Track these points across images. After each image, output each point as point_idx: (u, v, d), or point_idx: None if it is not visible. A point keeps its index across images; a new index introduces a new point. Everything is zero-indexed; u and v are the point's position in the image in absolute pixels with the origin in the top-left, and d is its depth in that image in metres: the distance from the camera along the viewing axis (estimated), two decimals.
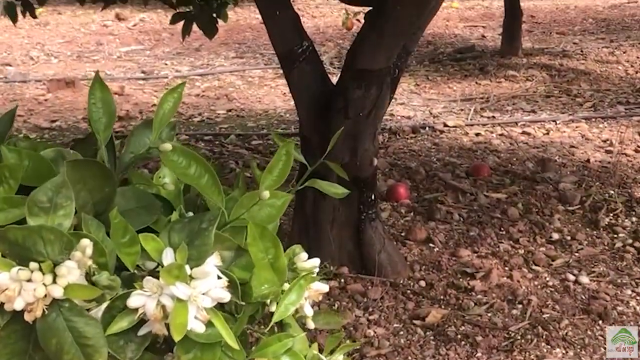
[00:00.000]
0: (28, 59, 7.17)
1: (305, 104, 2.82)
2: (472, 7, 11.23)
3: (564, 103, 5.62)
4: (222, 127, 5.08)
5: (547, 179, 3.90)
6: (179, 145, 1.12)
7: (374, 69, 2.58)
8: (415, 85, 6.33)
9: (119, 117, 5.15)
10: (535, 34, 9.00)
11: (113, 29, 8.73)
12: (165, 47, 7.90)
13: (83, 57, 7.34)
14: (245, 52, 7.76)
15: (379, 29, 2.48)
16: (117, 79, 6.39)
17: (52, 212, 0.90)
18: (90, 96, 1.12)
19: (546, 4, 11.61)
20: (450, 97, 5.93)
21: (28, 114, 5.22)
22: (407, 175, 4.01)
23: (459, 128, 5.01)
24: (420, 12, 2.39)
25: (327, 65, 7.02)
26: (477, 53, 7.55)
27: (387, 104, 2.81)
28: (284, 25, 2.73)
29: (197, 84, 6.35)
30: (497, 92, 5.95)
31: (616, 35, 8.68)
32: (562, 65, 6.86)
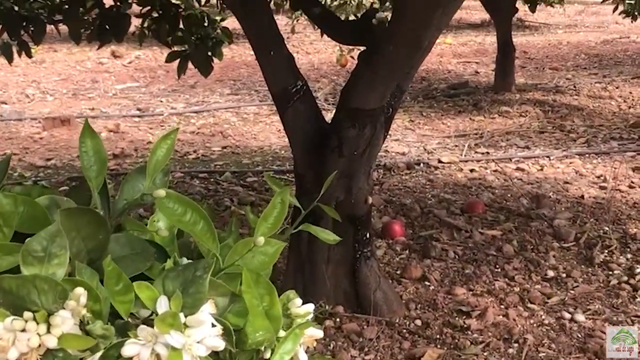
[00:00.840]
0: (24, 96, 7.20)
1: (300, 142, 2.83)
2: (465, 43, 11.34)
3: (557, 139, 5.66)
4: (217, 164, 5.09)
5: (541, 215, 3.90)
6: (173, 192, 1.13)
7: (368, 108, 2.60)
8: (409, 121, 6.37)
9: (114, 155, 5.17)
10: (528, 69, 9.08)
11: (109, 67, 8.78)
12: (161, 84, 7.94)
13: (79, 95, 7.36)
14: (240, 89, 7.80)
15: (372, 69, 2.49)
16: (112, 116, 6.42)
17: (47, 261, 0.90)
18: (81, 144, 1.13)
19: (539, 40, 11.73)
20: (444, 133, 5.96)
21: (23, 153, 5.23)
22: (402, 212, 4.02)
23: (454, 164, 5.03)
24: (413, 53, 2.41)
25: (322, 101, 7.06)
26: (471, 89, 7.61)
27: (381, 142, 2.82)
28: (278, 65, 2.75)
29: (193, 121, 6.37)
30: (491, 128, 5.98)
31: (609, 71, 8.76)
32: (556, 101, 6.91)
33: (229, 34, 4.07)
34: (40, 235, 0.92)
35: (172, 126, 6.17)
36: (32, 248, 0.90)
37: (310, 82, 8.26)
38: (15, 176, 4.67)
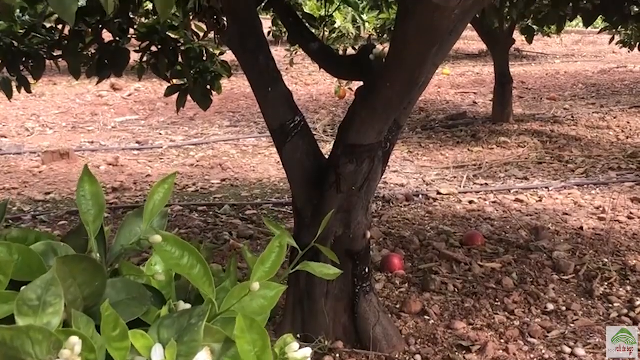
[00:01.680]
0: (23, 130, 7.22)
1: (298, 178, 2.84)
2: (463, 73, 11.40)
3: (556, 169, 5.66)
4: (216, 197, 5.09)
5: (541, 247, 3.90)
6: (170, 236, 1.13)
7: (366, 143, 2.60)
8: (408, 152, 6.38)
9: (113, 189, 5.17)
10: (526, 99, 9.12)
11: (108, 99, 8.82)
12: (160, 116, 7.97)
13: (78, 128, 7.39)
14: (239, 121, 7.83)
15: (369, 105, 2.50)
16: (111, 149, 6.43)
17: (41, 311, 0.90)
18: (79, 189, 1.13)
19: (536, 70, 11.80)
20: (443, 164, 5.97)
21: (22, 187, 5.23)
22: (402, 245, 4.01)
23: (452, 196, 5.03)
24: (410, 89, 2.42)
25: (321, 133, 7.09)
26: (469, 120, 7.64)
27: (379, 177, 2.82)
28: (276, 101, 2.76)
29: (192, 154, 6.39)
30: (489, 159, 5.99)
31: (606, 101, 8.80)
32: (554, 132, 6.93)
33: (227, 68, 4.09)
34: (35, 283, 0.92)
35: (170, 159, 6.19)
36: (27, 297, 0.90)
37: (309, 114, 8.35)
38: (15, 210, 4.67)
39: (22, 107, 8.13)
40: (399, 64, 2.33)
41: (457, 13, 2.16)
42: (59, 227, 4.35)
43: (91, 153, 6.30)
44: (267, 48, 2.77)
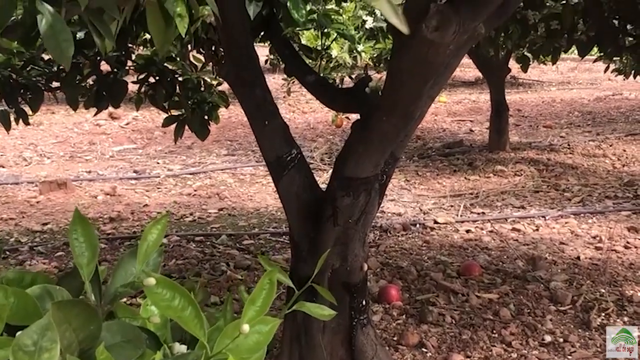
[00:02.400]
0: (21, 159, 7.24)
1: (295, 210, 2.84)
2: (459, 101, 11.45)
3: (552, 198, 5.68)
4: (214, 227, 5.09)
5: (538, 277, 3.90)
6: (162, 278, 1.13)
7: (362, 176, 2.61)
8: (405, 180, 6.40)
9: (110, 219, 5.17)
10: (522, 127, 9.16)
11: (106, 128, 8.84)
12: (158, 145, 7.99)
13: (76, 157, 7.41)
14: (236, 150, 7.85)
15: (365, 139, 2.52)
16: (109, 179, 6.44)
17: (37, 356, 0.90)
18: (72, 231, 1.14)
19: (532, 97, 11.85)
20: (440, 192, 5.98)
21: (20, 217, 5.23)
22: (399, 275, 4.01)
23: (450, 225, 5.04)
24: (406, 123, 2.43)
25: (318, 161, 7.11)
26: (466, 148, 7.67)
27: (376, 209, 2.83)
28: (273, 134, 2.77)
29: (189, 183, 6.40)
30: (486, 188, 6.01)
31: (602, 128, 8.84)
32: (550, 160, 6.96)
33: (225, 98, 4.11)
34: (31, 329, 0.92)
35: (168, 188, 6.20)
36: (22, 342, 0.91)
37: (307, 142, 8.37)
38: (12, 242, 4.67)
39: (20, 136, 8.14)
40: (395, 99, 2.34)
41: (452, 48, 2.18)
42: (55, 258, 4.35)
43: (88, 183, 6.31)
44: (263, 81, 2.78)
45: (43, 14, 1.32)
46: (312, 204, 2.80)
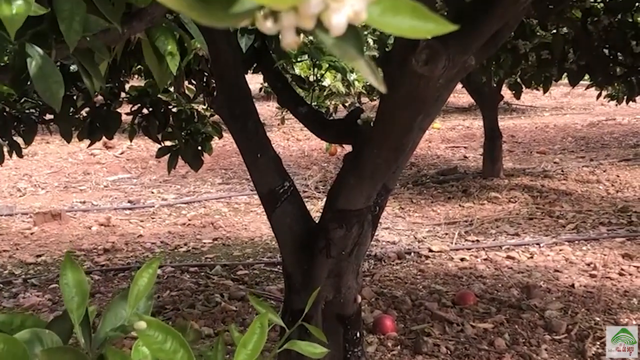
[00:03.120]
0: (15, 190, 7.23)
1: (288, 243, 2.84)
2: (453, 127, 11.50)
3: (546, 225, 5.68)
4: (208, 257, 5.08)
5: (532, 306, 3.89)
6: (154, 320, 1.13)
7: (355, 209, 2.62)
8: (399, 208, 6.40)
9: (104, 250, 5.16)
10: (516, 153, 9.19)
11: (100, 158, 8.84)
12: (152, 174, 7.99)
13: (70, 188, 7.40)
14: (231, 178, 7.86)
15: (357, 171, 2.53)
16: (103, 209, 6.43)
17: None
18: (62, 276, 1.14)
19: (526, 123, 11.90)
20: (434, 220, 5.99)
21: (14, 249, 5.22)
22: (394, 305, 4.00)
23: (444, 253, 5.03)
24: (397, 155, 2.44)
25: (312, 189, 7.11)
26: (460, 174, 7.68)
27: (369, 240, 2.83)
28: (265, 167, 2.78)
29: (184, 212, 6.39)
30: (480, 215, 6.01)
31: (596, 154, 8.86)
32: (544, 186, 6.97)
33: (218, 129, 4.12)
34: None
35: (162, 218, 6.19)
36: None
37: (301, 169, 8.38)
38: (6, 274, 4.66)
39: (14, 167, 8.14)
40: (386, 132, 2.35)
41: (442, 82, 2.20)
42: (49, 291, 4.33)
43: (83, 213, 6.30)
44: (255, 114, 2.80)
45: (33, 56, 1.33)
46: (305, 236, 2.80)
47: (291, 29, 0.53)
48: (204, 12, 0.50)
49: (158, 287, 4.23)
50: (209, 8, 0.50)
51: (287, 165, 8.26)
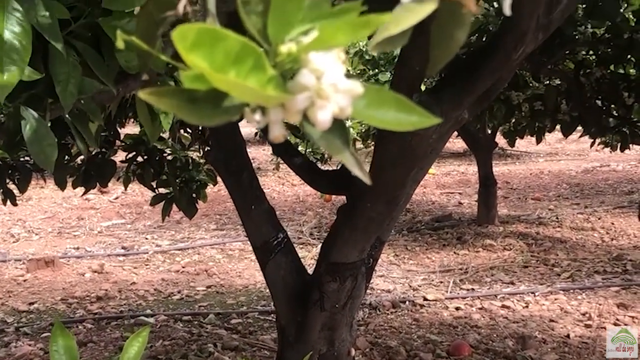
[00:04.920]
0: (9, 236, 7.20)
1: (281, 295, 2.84)
2: (448, 172, 11.52)
3: (542, 273, 5.66)
4: (202, 305, 5.05)
5: (528, 357, 3.87)
6: None
7: (348, 262, 2.62)
8: (394, 255, 6.38)
9: (97, 298, 5.13)
10: (511, 200, 9.20)
11: (95, 203, 8.83)
12: (147, 220, 7.97)
13: (64, 233, 7.38)
14: (225, 224, 7.84)
15: (351, 224, 2.53)
16: (97, 255, 6.41)
17: None
18: (52, 343, 1.13)
19: (520, 169, 11.94)
20: (429, 268, 5.97)
21: (6, 296, 5.18)
22: (388, 356, 3.97)
23: (439, 302, 5.01)
24: (391, 209, 2.45)
25: (307, 236, 7.10)
26: (455, 221, 7.68)
27: (363, 293, 2.83)
28: (259, 219, 2.79)
29: (178, 259, 6.37)
30: (475, 263, 5.99)
31: (590, 200, 8.87)
32: (539, 234, 6.96)
33: (213, 177, 4.13)
34: None
35: (156, 265, 6.16)
36: None
37: (296, 215, 8.38)
38: None
39: (8, 212, 8.11)
40: (379, 185, 2.36)
41: (435, 137, 2.21)
42: (41, 340, 4.29)
43: (76, 260, 6.27)
44: (250, 166, 2.81)
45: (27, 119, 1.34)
46: (298, 288, 2.80)
47: (278, 123, 0.54)
48: (193, 112, 0.50)
49: (151, 337, 4.20)
50: (197, 107, 0.50)
51: (281, 211, 8.29)
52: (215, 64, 0.47)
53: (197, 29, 0.46)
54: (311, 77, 0.51)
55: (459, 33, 0.60)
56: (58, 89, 1.32)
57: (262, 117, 0.54)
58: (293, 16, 0.49)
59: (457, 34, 0.60)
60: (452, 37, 0.61)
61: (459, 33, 0.60)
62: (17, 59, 1.14)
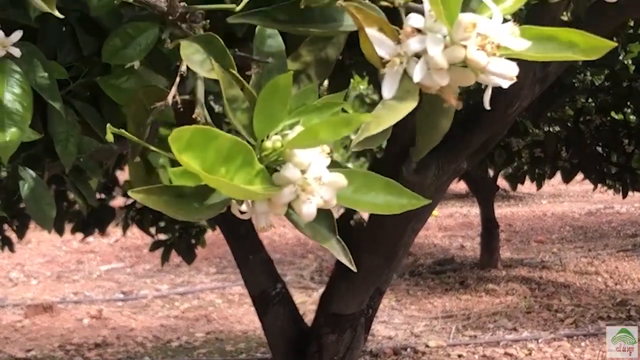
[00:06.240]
0: (7, 280, 7.16)
1: (280, 346, 2.81)
2: (450, 214, 11.49)
3: (545, 319, 5.60)
4: (200, 352, 5.00)
5: None
6: None
7: (347, 313, 2.59)
8: (396, 300, 6.33)
9: (95, 345, 5.08)
10: (513, 242, 9.15)
11: (94, 246, 8.79)
12: (146, 263, 7.93)
13: (63, 277, 7.34)
14: (225, 267, 7.79)
15: (349, 276, 2.50)
16: (95, 300, 6.36)
17: None
18: None
19: (523, 211, 11.90)
20: (431, 313, 5.91)
21: (3, 343, 5.13)
22: None
23: (441, 349, 4.95)
24: (389, 261, 2.43)
25: (308, 279, 7.05)
26: (457, 265, 7.63)
27: (362, 344, 2.79)
28: (257, 269, 2.77)
29: (177, 304, 6.32)
30: (478, 308, 5.94)
31: (594, 244, 8.82)
32: (542, 278, 6.91)
33: (212, 223, 4.11)
34: None
35: (155, 310, 6.12)
36: None
37: (297, 258, 8.33)
38: None
39: (7, 255, 8.05)
40: (377, 237, 2.35)
41: (433, 189, 2.20)
42: None
43: (75, 305, 6.22)
44: None
45: (25, 179, 1.33)
46: (297, 338, 2.77)
47: (264, 215, 0.53)
48: (181, 207, 0.50)
49: None
50: (185, 202, 0.50)
51: (282, 254, 8.25)
52: (207, 163, 0.47)
53: (192, 130, 0.46)
54: (296, 171, 0.49)
55: (443, 121, 0.60)
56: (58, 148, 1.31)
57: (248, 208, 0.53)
58: (278, 113, 0.48)
59: (441, 122, 0.60)
60: (437, 126, 0.61)
61: (443, 121, 0.60)
62: (18, 120, 1.14)
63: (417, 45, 0.51)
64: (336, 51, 0.59)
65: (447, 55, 0.50)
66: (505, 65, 0.52)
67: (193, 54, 0.50)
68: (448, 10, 0.49)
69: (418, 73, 0.51)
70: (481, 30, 0.50)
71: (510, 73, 0.52)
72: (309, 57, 0.57)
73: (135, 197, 0.46)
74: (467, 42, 0.50)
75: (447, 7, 0.49)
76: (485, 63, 0.51)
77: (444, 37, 0.51)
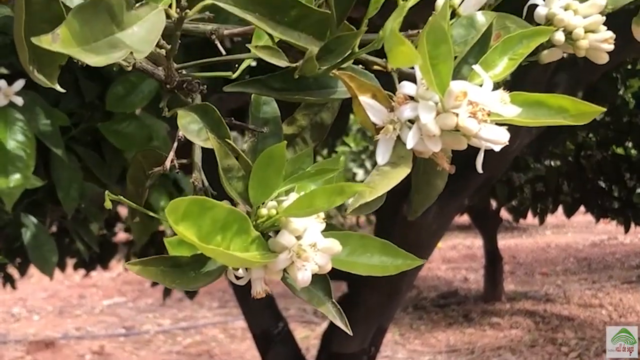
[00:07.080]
0: (9, 316, 7.14)
1: None
2: (454, 246, 11.45)
3: (549, 353, 5.57)
4: None
5: None
6: None
7: (349, 352, 2.58)
8: (399, 335, 6.29)
9: None
10: (517, 275, 9.11)
11: (96, 280, 8.76)
12: (148, 298, 7.90)
13: (65, 313, 7.31)
14: (228, 301, 7.76)
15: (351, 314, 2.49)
16: (97, 336, 6.33)
17: None
18: None
19: (527, 242, 11.86)
20: (435, 348, 5.88)
21: None
22: None
23: None
24: (391, 300, 2.43)
25: (311, 314, 7.02)
26: (461, 298, 7.60)
27: None
28: (259, 308, 2.77)
29: (179, 339, 6.29)
30: (482, 342, 5.90)
31: (598, 275, 8.78)
32: (546, 311, 6.87)
33: None
34: None
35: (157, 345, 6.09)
36: None
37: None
38: None
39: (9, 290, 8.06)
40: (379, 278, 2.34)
41: (435, 227, 2.20)
42: None
43: (77, 340, 6.20)
44: None
45: (27, 226, 1.33)
46: None
47: (260, 280, 0.53)
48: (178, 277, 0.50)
49: None
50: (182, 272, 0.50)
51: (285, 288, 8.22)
52: (203, 232, 0.47)
53: (189, 201, 0.47)
54: (291, 237, 0.50)
55: (437, 181, 0.62)
56: (60, 194, 1.32)
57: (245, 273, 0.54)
58: (273, 181, 0.49)
59: (435, 182, 0.62)
60: (432, 185, 0.62)
61: (437, 181, 0.62)
62: (22, 167, 1.15)
63: (410, 112, 0.52)
64: (331, 116, 0.61)
65: (439, 123, 0.52)
66: (497, 131, 0.53)
67: (190, 124, 0.52)
68: (439, 79, 0.50)
69: (411, 140, 0.52)
70: (472, 98, 0.52)
71: (501, 139, 0.53)
72: (304, 122, 0.59)
73: (131, 270, 0.47)
74: (458, 109, 0.51)
75: (438, 76, 0.50)
76: (476, 130, 0.52)
77: (436, 104, 0.53)
